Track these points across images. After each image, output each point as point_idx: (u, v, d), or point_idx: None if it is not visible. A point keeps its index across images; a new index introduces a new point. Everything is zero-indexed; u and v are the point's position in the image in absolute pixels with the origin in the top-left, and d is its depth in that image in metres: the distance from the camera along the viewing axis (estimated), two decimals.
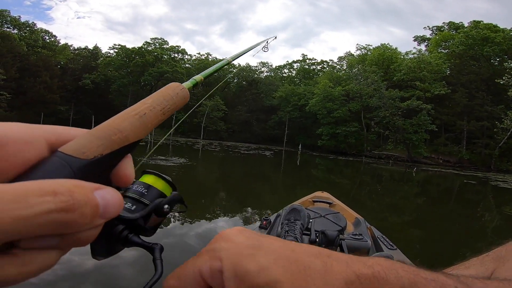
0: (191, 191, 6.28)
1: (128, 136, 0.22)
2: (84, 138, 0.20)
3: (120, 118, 0.23)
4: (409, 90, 29.92)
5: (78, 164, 0.18)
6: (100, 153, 0.20)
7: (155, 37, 51.22)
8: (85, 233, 0.16)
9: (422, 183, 13.74)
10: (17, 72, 34.85)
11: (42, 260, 0.16)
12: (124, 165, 0.22)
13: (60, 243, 0.16)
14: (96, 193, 0.16)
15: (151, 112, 0.24)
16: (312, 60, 50.84)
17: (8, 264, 0.14)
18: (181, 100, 0.28)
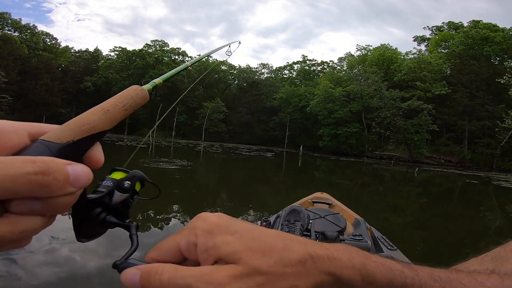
0: (193, 193, 6.29)
1: (95, 127, 0.27)
2: (59, 128, 0.25)
3: (89, 113, 0.28)
4: (410, 90, 29.89)
5: (54, 147, 0.24)
6: (72, 139, 0.25)
7: (155, 39, 51.50)
8: (61, 198, 0.21)
9: (424, 183, 13.71)
10: (18, 75, 34.95)
11: (29, 222, 0.21)
12: (94, 150, 0.27)
13: (42, 208, 0.21)
14: (68, 166, 0.22)
15: (113, 109, 0.29)
16: (312, 61, 50.90)
17: (1, 224, 0.19)
18: (141, 99, 0.33)
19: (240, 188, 7.31)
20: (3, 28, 39.00)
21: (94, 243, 2.90)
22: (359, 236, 1.71)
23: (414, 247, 3.99)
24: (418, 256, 3.51)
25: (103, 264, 2.46)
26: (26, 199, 0.20)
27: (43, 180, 0.20)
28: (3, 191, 0.18)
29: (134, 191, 0.31)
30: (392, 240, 1.90)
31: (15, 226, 0.20)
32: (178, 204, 5.16)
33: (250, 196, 6.42)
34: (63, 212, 0.23)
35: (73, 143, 0.25)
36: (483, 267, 0.48)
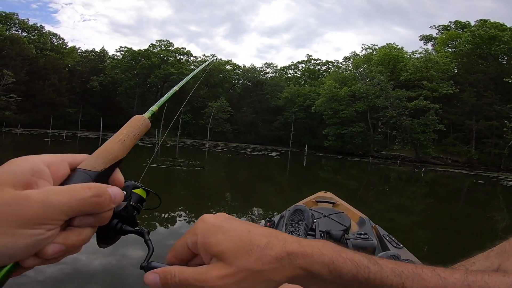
0: (199, 193, 6.35)
1: (117, 156, 0.33)
2: (92, 158, 0.32)
3: (111, 144, 0.34)
4: (416, 90, 29.60)
5: (92, 174, 0.30)
6: (103, 167, 0.31)
7: (160, 39, 51.67)
8: (105, 213, 0.28)
9: (431, 184, 13.60)
10: (26, 75, 35.28)
11: (86, 233, 0.28)
12: (115, 174, 0.33)
13: (93, 222, 0.28)
14: (108, 189, 0.28)
15: (127, 139, 0.35)
16: (317, 61, 50.64)
17: (71, 235, 0.27)
18: (145, 128, 0.40)
19: (245, 188, 7.35)
20: (10, 28, 39.17)
21: None
22: (365, 234, 1.70)
23: (421, 246, 3.98)
24: (425, 255, 3.51)
25: (107, 263, 2.50)
26: (84, 216, 0.27)
27: (98, 201, 0.27)
28: (74, 211, 0.26)
29: (140, 198, 0.37)
30: (399, 239, 1.88)
31: (79, 236, 0.27)
32: (185, 204, 5.21)
33: (255, 195, 6.45)
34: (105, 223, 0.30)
35: (105, 171, 0.31)
36: (489, 262, 0.48)
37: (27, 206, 0.24)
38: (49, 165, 0.28)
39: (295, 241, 0.30)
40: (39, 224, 0.24)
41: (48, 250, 0.25)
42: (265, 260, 0.28)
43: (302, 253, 0.29)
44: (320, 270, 0.29)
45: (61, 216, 0.25)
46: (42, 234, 0.24)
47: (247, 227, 0.31)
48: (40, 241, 0.24)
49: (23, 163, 0.26)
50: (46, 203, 0.24)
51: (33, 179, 0.26)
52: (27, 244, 0.24)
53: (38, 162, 0.27)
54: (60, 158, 0.30)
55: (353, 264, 0.28)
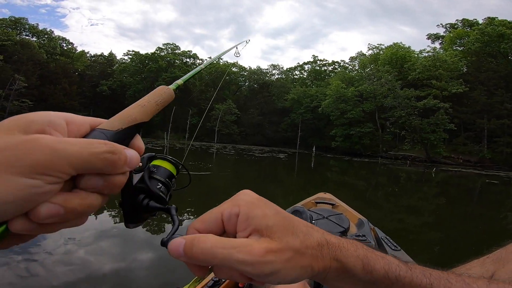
0: (205, 195, 6.41)
1: (136, 118, 0.32)
2: (110, 120, 0.31)
3: (130, 108, 0.34)
4: (425, 89, 29.23)
5: (109, 133, 0.29)
6: (120, 127, 0.30)
7: (167, 43, 52.38)
8: (117, 177, 0.26)
9: (442, 184, 13.40)
10: (38, 80, 35.94)
11: (93, 198, 0.25)
12: (135, 140, 0.32)
13: (103, 186, 0.25)
14: (124, 149, 0.26)
15: (148, 104, 0.35)
16: (323, 61, 50.48)
17: (73, 198, 0.23)
18: (168, 97, 0.39)
19: (254, 189, 7.38)
20: (21, 33, 39.84)
21: (107, 244, 3.03)
22: (363, 236, 1.70)
23: (432, 248, 3.94)
24: (437, 258, 3.48)
25: (117, 265, 2.55)
26: (93, 176, 0.24)
27: (112, 158, 0.24)
28: (83, 166, 0.23)
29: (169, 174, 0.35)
30: (396, 241, 1.89)
31: (84, 200, 0.24)
32: (190, 205, 5.27)
33: (264, 196, 6.47)
34: (116, 192, 0.27)
35: (122, 131, 0.30)
36: (484, 268, 0.49)
37: (32, 149, 0.21)
38: (68, 122, 0.26)
39: (330, 234, 0.30)
40: (39, 174, 0.21)
41: (42, 210, 0.22)
42: (309, 244, 0.28)
43: (339, 245, 0.29)
44: (354, 264, 0.29)
45: (67, 168, 0.22)
46: (39, 186, 0.21)
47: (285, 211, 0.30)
48: (34, 196, 0.21)
49: (42, 113, 0.25)
50: (56, 149, 0.22)
51: (47, 129, 0.24)
52: (20, 196, 0.20)
53: (58, 116, 0.26)
54: (82, 118, 0.29)
55: (384, 262, 0.29)
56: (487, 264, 0.48)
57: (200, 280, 1.31)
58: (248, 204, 0.29)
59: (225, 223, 0.29)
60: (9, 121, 0.23)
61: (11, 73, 32.18)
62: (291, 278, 0.27)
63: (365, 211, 5.83)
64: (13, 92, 32.89)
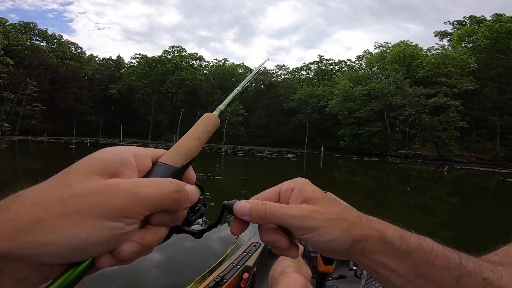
0: (217, 197, 6.50)
1: (193, 153, 0.33)
2: (173, 153, 0.32)
3: (187, 140, 0.34)
4: (435, 87, 28.82)
5: (173, 170, 0.30)
6: (183, 163, 0.31)
7: (173, 45, 52.85)
8: (181, 212, 0.28)
9: (455, 182, 13.21)
10: (49, 84, 36.58)
11: (161, 232, 0.27)
12: (189, 171, 0.33)
13: (169, 221, 0.27)
14: (186, 185, 0.28)
15: (202, 135, 0.35)
16: (329, 61, 50.22)
17: (147, 234, 0.26)
18: (216, 125, 0.39)
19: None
20: (30, 38, 40.36)
21: None
22: None
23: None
24: None
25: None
26: (162, 213, 0.26)
27: (178, 197, 0.26)
28: (157, 206, 0.25)
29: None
30: None
31: (155, 235, 0.26)
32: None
33: None
34: (179, 223, 0.29)
35: (183, 166, 0.31)
36: None
37: (116, 196, 0.23)
38: (136, 156, 0.28)
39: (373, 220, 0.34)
40: (122, 217, 0.23)
41: (125, 249, 0.24)
42: (349, 213, 0.33)
43: (377, 220, 0.34)
44: (392, 234, 0.32)
45: (144, 210, 0.25)
46: (122, 228, 0.23)
47: None
48: (119, 236, 0.23)
49: (113, 152, 0.26)
50: (134, 194, 0.24)
51: (121, 169, 0.25)
52: (106, 238, 0.22)
53: (127, 153, 0.27)
54: (145, 151, 0.30)
55: (418, 237, 0.32)
56: (495, 261, 0.46)
57: (202, 280, 1.35)
58: (302, 182, 0.35)
59: (281, 196, 0.34)
60: (86, 163, 0.25)
61: (23, 78, 32.80)
62: (330, 236, 0.31)
63: (376, 211, 5.87)
64: (26, 96, 33.57)
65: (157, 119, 44.97)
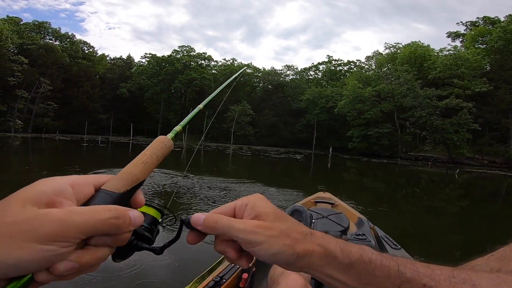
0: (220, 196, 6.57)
1: (139, 178, 0.34)
2: (114, 179, 0.33)
3: (133, 166, 0.35)
4: (447, 88, 28.29)
5: (115, 196, 0.32)
6: (125, 189, 0.33)
7: (182, 45, 53.13)
8: (124, 235, 0.30)
9: (466, 185, 12.98)
10: (62, 83, 37.15)
11: (102, 252, 0.29)
12: (137, 195, 0.35)
13: (111, 242, 0.29)
14: (129, 212, 0.30)
15: (150, 160, 0.36)
16: (338, 61, 49.85)
17: (85, 254, 0.28)
18: (168, 149, 0.40)
19: (273, 187, 7.44)
20: (44, 37, 40.86)
21: None
22: (363, 235, 1.70)
23: (454, 253, 3.89)
24: (455, 262, 3.44)
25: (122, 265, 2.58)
26: (101, 236, 0.29)
27: (117, 222, 0.29)
28: (91, 231, 0.27)
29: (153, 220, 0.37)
30: (396, 240, 1.88)
31: (94, 255, 0.28)
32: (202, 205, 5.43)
33: (280, 197, 6.54)
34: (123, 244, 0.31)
35: (126, 193, 0.33)
36: (488, 267, 0.49)
37: (46, 222, 0.25)
38: (73, 186, 0.30)
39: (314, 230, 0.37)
40: (53, 241, 0.25)
41: (59, 267, 0.26)
42: (294, 230, 0.35)
43: (321, 235, 0.36)
44: (334, 248, 0.34)
45: (78, 234, 0.26)
46: (55, 250, 0.25)
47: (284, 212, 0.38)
48: (52, 257, 0.25)
49: (48, 183, 0.29)
50: (65, 221, 0.26)
51: (57, 198, 0.28)
52: (40, 258, 0.25)
53: (63, 183, 0.29)
54: (85, 179, 0.32)
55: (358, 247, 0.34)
56: (492, 262, 0.48)
57: (201, 280, 1.37)
58: (256, 198, 0.37)
59: (236, 211, 0.36)
60: (23, 193, 0.27)
61: (36, 76, 33.46)
62: (273, 251, 0.33)
63: (384, 212, 5.85)
64: (39, 95, 34.27)
65: (166, 118, 45.42)
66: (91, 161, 12.22)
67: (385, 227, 2.16)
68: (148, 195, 5.68)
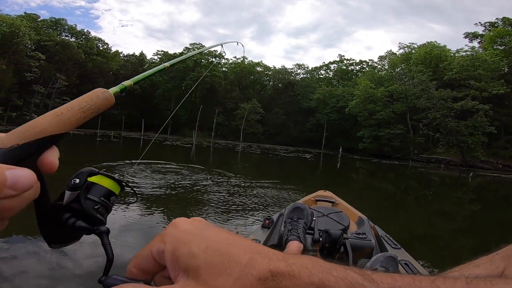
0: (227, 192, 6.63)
1: (44, 130, 0.27)
2: (6, 134, 0.26)
3: (41, 117, 0.28)
4: (463, 90, 27.56)
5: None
6: (16, 143, 0.25)
7: (193, 43, 53.61)
8: (3, 201, 0.22)
9: (479, 189, 12.68)
10: (77, 79, 38.35)
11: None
12: (47, 154, 0.27)
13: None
14: (7, 171, 0.22)
15: (67, 112, 0.29)
16: (350, 61, 49.22)
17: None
18: (102, 101, 0.33)
19: (280, 185, 7.45)
20: (61, 34, 42.02)
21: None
22: (363, 234, 1.67)
23: (464, 257, 3.84)
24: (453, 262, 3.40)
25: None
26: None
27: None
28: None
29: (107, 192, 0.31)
30: (401, 240, 1.83)
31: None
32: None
33: (285, 193, 6.55)
34: (10, 215, 0.24)
35: (17, 148, 0.25)
36: (493, 265, 0.48)
37: None
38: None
39: (281, 259, 0.24)
40: None
41: None
42: (246, 281, 0.23)
43: (289, 273, 0.23)
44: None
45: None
46: None
47: (227, 238, 0.25)
48: None
49: None
50: None
51: None
52: None
53: None
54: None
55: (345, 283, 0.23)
56: (497, 261, 0.47)
57: None
58: (174, 240, 0.25)
59: (157, 259, 0.26)
60: None
61: (53, 72, 34.52)
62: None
63: (393, 214, 5.81)
64: (55, 90, 35.40)
65: (176, 114, 45.98)
66: (107, 154, 12.66)
67: (391, 229, 2.14)
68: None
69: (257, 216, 4.50)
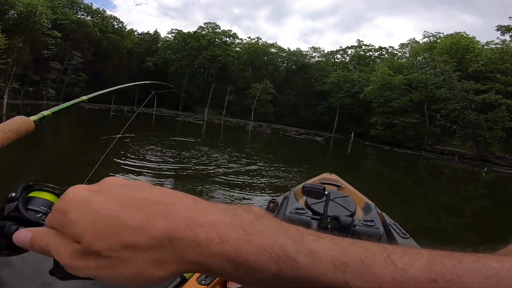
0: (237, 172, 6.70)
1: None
2: None
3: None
4: (487, 83, 26.33)
5: None
6: None
7: (207, 22, 52.73)
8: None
9: (492, 185, 12.41)
10: (92, 56, 39.10)
11: None
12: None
13: None
14: None
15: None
16: (368, 47, 47.38)
17: None
18: (20, 125, 0.35)
19: (287, 167, 7.48)
20: (77, 13, 42.78)
21: None
22: (371, 221, 1.53)
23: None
24: None
25: None
26: None
27: None
28: None
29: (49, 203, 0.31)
30: (405, 229, 1.72)
31: None
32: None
33: (293, 177, 6.59)
34: None
35: None
36: None
37: None
38: None
39: (188, 217, 0.20)
40: None
41: None
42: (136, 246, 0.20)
43: (192, 238, 0.19)
44: (220, 265, 0.19)
45: None
46: None
47: (126, 198, 0.22)
48: None
49: None
50: None
51: None
52: None
53: None
54: None
55: (271, 257, 0.18)
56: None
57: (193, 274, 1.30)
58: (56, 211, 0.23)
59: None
60: None
61: (69, 49, 35.39)
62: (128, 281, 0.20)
63: (400, 205, 5.79)
64: (71, 66, 36.31)
65: (188, 91, 46.22)
66: (121, 127, 12.95)
67: (397, 218, 2.10)
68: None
69: (264, 196, 4.56)
